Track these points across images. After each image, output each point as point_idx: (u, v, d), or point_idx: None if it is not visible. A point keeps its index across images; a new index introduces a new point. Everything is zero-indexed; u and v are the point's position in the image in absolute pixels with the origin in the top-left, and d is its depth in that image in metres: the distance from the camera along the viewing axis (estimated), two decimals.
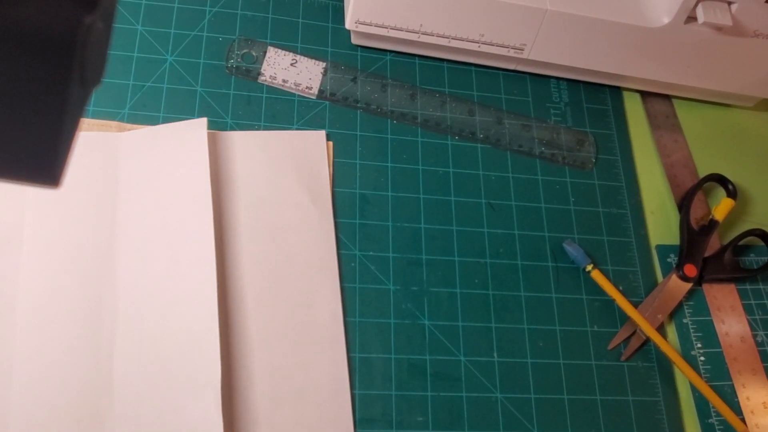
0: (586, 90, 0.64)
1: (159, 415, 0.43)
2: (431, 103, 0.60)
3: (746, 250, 0.60)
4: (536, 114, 0.62)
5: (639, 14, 0.58)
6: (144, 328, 0.45)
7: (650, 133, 0.64)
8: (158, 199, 0.49)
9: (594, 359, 0.53)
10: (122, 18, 0.57)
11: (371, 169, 0.56)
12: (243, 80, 0.57)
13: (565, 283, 0.55)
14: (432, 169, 0.57)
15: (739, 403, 0.53)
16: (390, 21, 0.57)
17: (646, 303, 0.55)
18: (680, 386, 0.53)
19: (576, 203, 0.59)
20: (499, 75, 0.63)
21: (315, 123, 0.57)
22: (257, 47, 0.59)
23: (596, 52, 0.60)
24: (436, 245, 0.54)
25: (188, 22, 0.58)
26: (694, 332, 0.55)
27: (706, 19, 0.55)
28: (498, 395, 0.50)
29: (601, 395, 0.52)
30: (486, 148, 0.59)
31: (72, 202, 0.48)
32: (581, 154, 0.61)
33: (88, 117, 0.52)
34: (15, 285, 0.45)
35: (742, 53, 0.59)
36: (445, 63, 0.62)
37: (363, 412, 0.47)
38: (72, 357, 0.44)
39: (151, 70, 0.56)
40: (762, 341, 0.56)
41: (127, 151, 0.51)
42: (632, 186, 0.61)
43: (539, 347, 0.53)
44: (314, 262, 0.51)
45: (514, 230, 0.56)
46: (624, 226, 0.59)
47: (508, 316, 0.53)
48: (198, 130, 0.51)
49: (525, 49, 0.59)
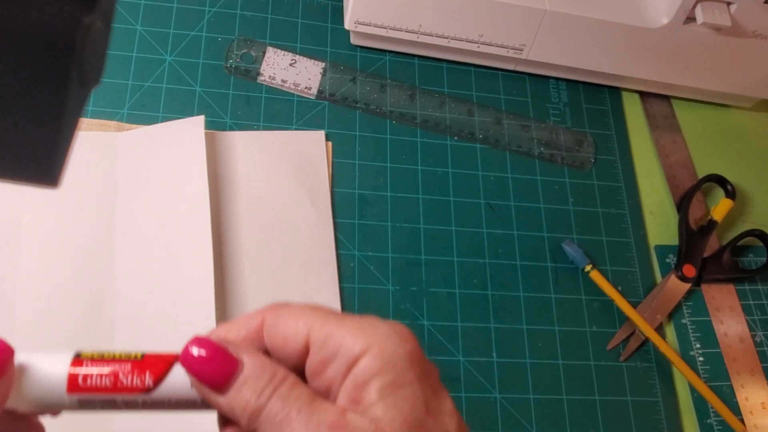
0: (585, 90, 0.65)
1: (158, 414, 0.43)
2: (430, 103, 0.60)
3: (745, 251, 0.60)
4: (535, 114, 0.62)
5: (638, 15, 0.58)
6: (142, 328, 0.45)
7: (649, 133, 0.64)
8: (157, 198, 0.49)
9: (593, 359, 0.53)
10: (121, 18, 0.57)
11: (370, 170, 0.56)
12: (242, 80, 0.57)
13: (564, 284, 0.55)
14: (431, 169, 0.57)
15: (738, 403, 0.53)
16: (389, 21, 0.57)
17: (645, 303, 0.55)
18: (679, 386, 0.53)
19: (575, 203, 0.59)
20: (498, 75, 0.63)
21: (314, 123, 0.57)
22: (256, 47, 0.59)
23: (595, 53, 0.60)
24: (435, 245, 0.54)
25: (187, 22, 0.58)
26: (692, 333, 0.55)
27: (705, 19, 0.55)
28: (497, 395, 0.50)
29: (600, 395, 0.52)
30: (485, 148, 0.59)
31: (71, 202, 0.48)
32: (580, 155, 0.61)
33: (87, 117, 0.52)
34: (14, 284, 0.45)
35: (741, 54, 0.59)
36: (444, 63, 0.62)
37: None
38: None
39: (150, 70, 0.56)
40: (761, 342, 0.56)
41: (126, 150, 0.51)
42: (631, 186, 0.61)
43: (538, 347, 0.53)
44: (313, 261, 0.51)
45: (513, 230, 0.56)
46: (623, 226, 0.59)
47: (507, 316, 0.53)
48: (195, 128, 0.51)
49: (524, 50, 0.59)
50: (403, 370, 0.23)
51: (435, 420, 0.23)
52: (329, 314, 0.24)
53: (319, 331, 0.24)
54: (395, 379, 0.23)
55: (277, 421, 0.22)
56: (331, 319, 0.24)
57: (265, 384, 0.23)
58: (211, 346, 0.23)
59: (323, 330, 0.24)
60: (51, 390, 0.23)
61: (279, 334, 0.24)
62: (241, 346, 0.24)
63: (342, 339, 0.23)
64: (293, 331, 0.24)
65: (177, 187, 0.49)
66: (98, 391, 0.23)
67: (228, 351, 0.23)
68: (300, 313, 0.24)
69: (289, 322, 0.24)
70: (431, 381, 0.24)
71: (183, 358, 0.23)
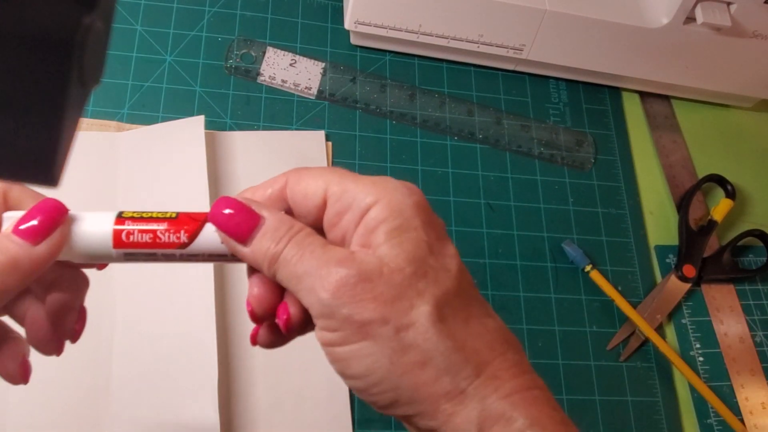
0: (585, 90, 0.65)
1: (157, 415, 0.43)
2: (430, 103, 0.60)
3: (745, 251, 0.60)
4: (535, 114, 0.62)
5: (638, 15, 0.58)
6: (142, 329, 0.45)
7: (649, 133, 0.64)
8: (156, 198, 0.49)
9: (593, 359, 0.53)
10: (121, 18, 0.57)
11: (370, 170, 0.56)
12: (242, 80, 0.57)
13: (564, 284, 0.55)
14: (431, 169, 0.57)
15: (738, 403, 0.53)
16: (389, 21, 0.57)
17: (645, 303, 0.55)
18: (679, 386, 0.53)
19: (575, 204, 0.59)
20: (498, 75, 0.63)
21: (314, 123, 0.57)
22: (256, 47, 0.59)
23: (595, 53, 0.60)
24: None
25: (187, 22, 0.58)
26: (692, 333, 0.55)
27: (705, 19, 0.55)
28: None
29: (600, 395, 0.52)
30: (485, 148, 0.59)
31: (71, 202, 0.48)
32: (580, 155, 0.61)
33: (88, 117, 0.52)
34: None
35: (741, 54, 0.59)
36: (444, 63, 0.62)
37: (362, 413, 0.47)
38: (70, 357, 0.44)
39: (150, 70, 0.56)
40: (761, 342, 0.56)
41: (126, 150, 0.51)
42: (631, 186, 0.61)
43: (538, 347, 0.53)
44: None
45: (513, 230, 0.56)
46: (623, 226, 0.59)
47: (507, 316, 0.53)
48: (195, 127, 0.51)
49: (524, 50, 0.59)
50: (410, 217, 0.25)
51: (436, 259, 0.25)
52: (346, 173, 0.27)
53: (336, 186, 0.26)
54: (402, 223, 0.25)
55: (293, 263, 0.25)
56: (347, 177, 0.26)
57: (283, 234, 0.25)
58: (236, 204, 0.26)
59: (340, 186, 0.26)
60: (99, 245, 0.26)
61: (300, 191, 0.27)
62: (262, 204, 0.27)
63: (356, 193, 0.26)
64: (313, 187, 0.27)
65: (177, 187, 0.49)
66: (140, 246, 0.26)
67: (251, 207, 0.26)
68: (319, 172, 0.27)
69: (310, 181, 0.27)
70: (436, 228, 0.26)
71: (212, 216, 0.26)
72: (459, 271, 0.26)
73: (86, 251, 0.26)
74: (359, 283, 0.24)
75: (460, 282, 0.26)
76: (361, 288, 0.24)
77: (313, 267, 0.24)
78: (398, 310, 0.24)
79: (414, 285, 0.24)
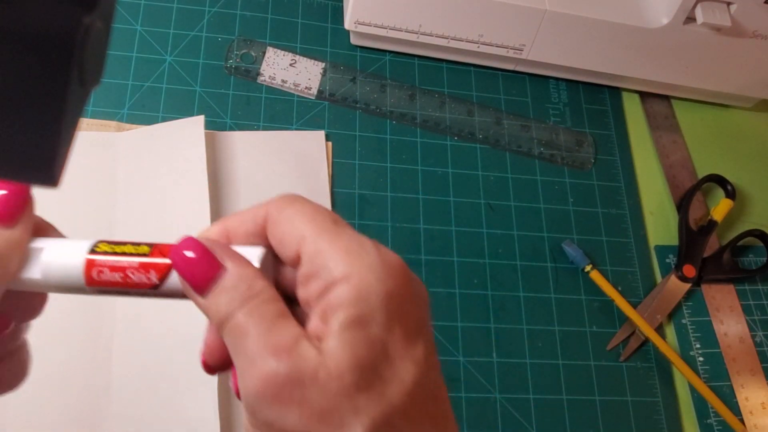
0: (585, 90, 0.65)
1: (157, 413, 0.43)
2: (430, 103, 0.60)
3: (745, 251, 0.60)
4: (535, 114, 0.62)
5: (638, 15, 0.58)
6: (142, 328, 0.45)
7: (649, 133, 0.64)
8: (156, 198, 0.49)
9: (593, 360, 0.53)
10: (121, 18, 0.57)
11: (370, 170, 0.56)
12: (242, 80, 0.57)
13: (564, 284, 0.55)
14: (431, 169, 0.57)
15: (738, 403, 0.53)
16: (389, 21, 0.57)
17: (645, 303, 0.55)
18: (679, 386, 0.53)
19: (575, 204, 0.59)
20: (498, 75, 0.63)
21: (314, 123, 0.57)
22: (256, 47, 0.59)
23: (595, 53, 0.60)
24: (435, 245, 0.54)
25: (187, 22, 0.58)
26: (692, 333, 0.55)
27: (705, 19, 0.55)
28: (497, 395, 0.50)
29: (600, 395, 0.52)
30: (485, 148, 0.59)
31: (71, 202, 0.48)
32: (580, 155, 0.61)
33: (87, 117, 0.52)
34: None
35: (741, 54, 0.59)
36: (444, 63, 0.62)
37: None
38: (70, 356, 0.44)
39: (150, 70, 0.56)
40: (761, 342, 0.56)
41: (126, 150, 0.51)
42: (631, 186, 0.61)
43: (538, 347, 0.53)
44: None
45: (513, 231, 0.56)
46: (623, 226, 0.59)
47: (507, 316, 0.53)
48: (195, 127, 0.51)
49: (524, 50, 0.59)
50: (375, 309, 0.22)
51: (391, 366, 0.22)
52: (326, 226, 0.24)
53: (310, 244, 0.23)
54: (362, 315, 0.22)
55: (237, 333, 0.22)
56: (325, 234, 0.23)
57: (239, 295, 0.23)
58: (199, 249, 0.23)
59: (314, 244, 0.23)
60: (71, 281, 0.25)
61: (277, 235, 0.24)
62: (228, 250, 0.24)
63: (327, 259, 0.23)
64: (288, 237, 0.24)
65: (177, 187, 0.49)
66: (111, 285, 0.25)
67: (214, 256, 0.23)
68: (299, 219, 0.24)
69: (286, 227, 0.24)
70: (406, 324, 0.22)
71: (172, 257, 0.24)
72: (416, 383, 0.22)
73: (57, 285, 0.26)
74: (288, 384, 0.21)
75: (413, 397, 0.22)
76: (290, 390, 0.21)
77: (251, 348, 0.22)
78: (326, 426, 0.21)
79: (352, 398, 0.21)
